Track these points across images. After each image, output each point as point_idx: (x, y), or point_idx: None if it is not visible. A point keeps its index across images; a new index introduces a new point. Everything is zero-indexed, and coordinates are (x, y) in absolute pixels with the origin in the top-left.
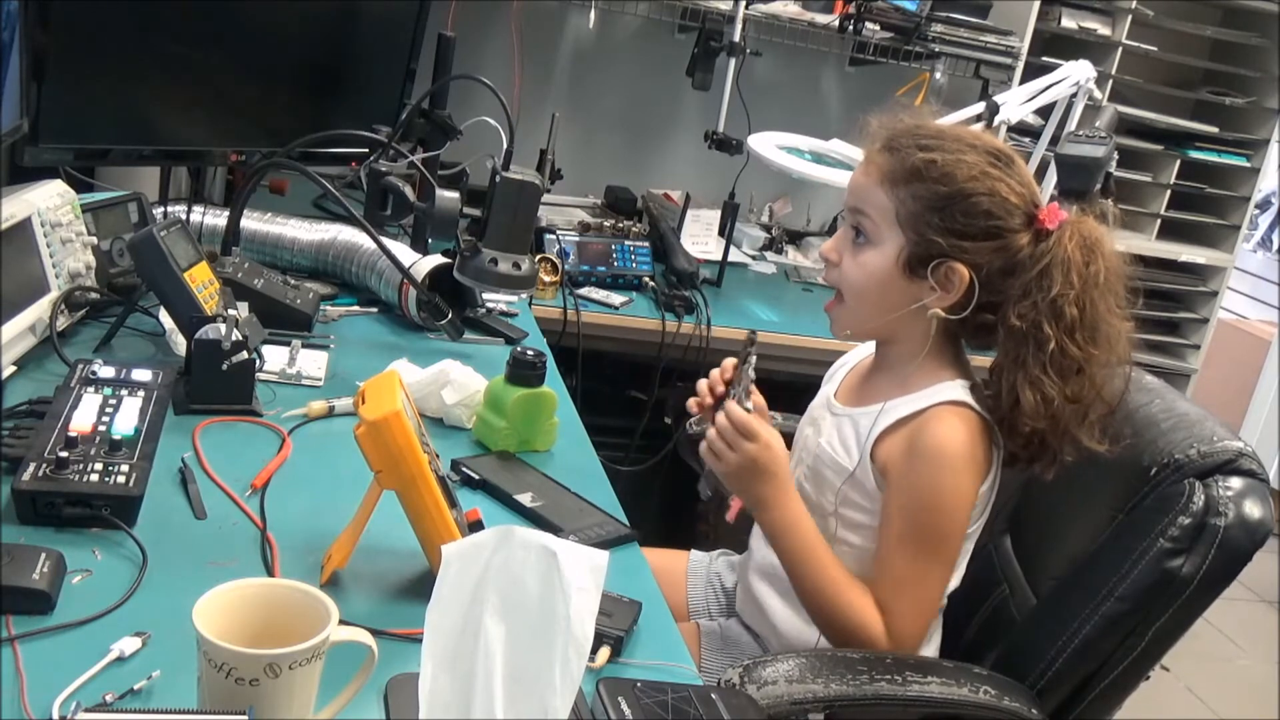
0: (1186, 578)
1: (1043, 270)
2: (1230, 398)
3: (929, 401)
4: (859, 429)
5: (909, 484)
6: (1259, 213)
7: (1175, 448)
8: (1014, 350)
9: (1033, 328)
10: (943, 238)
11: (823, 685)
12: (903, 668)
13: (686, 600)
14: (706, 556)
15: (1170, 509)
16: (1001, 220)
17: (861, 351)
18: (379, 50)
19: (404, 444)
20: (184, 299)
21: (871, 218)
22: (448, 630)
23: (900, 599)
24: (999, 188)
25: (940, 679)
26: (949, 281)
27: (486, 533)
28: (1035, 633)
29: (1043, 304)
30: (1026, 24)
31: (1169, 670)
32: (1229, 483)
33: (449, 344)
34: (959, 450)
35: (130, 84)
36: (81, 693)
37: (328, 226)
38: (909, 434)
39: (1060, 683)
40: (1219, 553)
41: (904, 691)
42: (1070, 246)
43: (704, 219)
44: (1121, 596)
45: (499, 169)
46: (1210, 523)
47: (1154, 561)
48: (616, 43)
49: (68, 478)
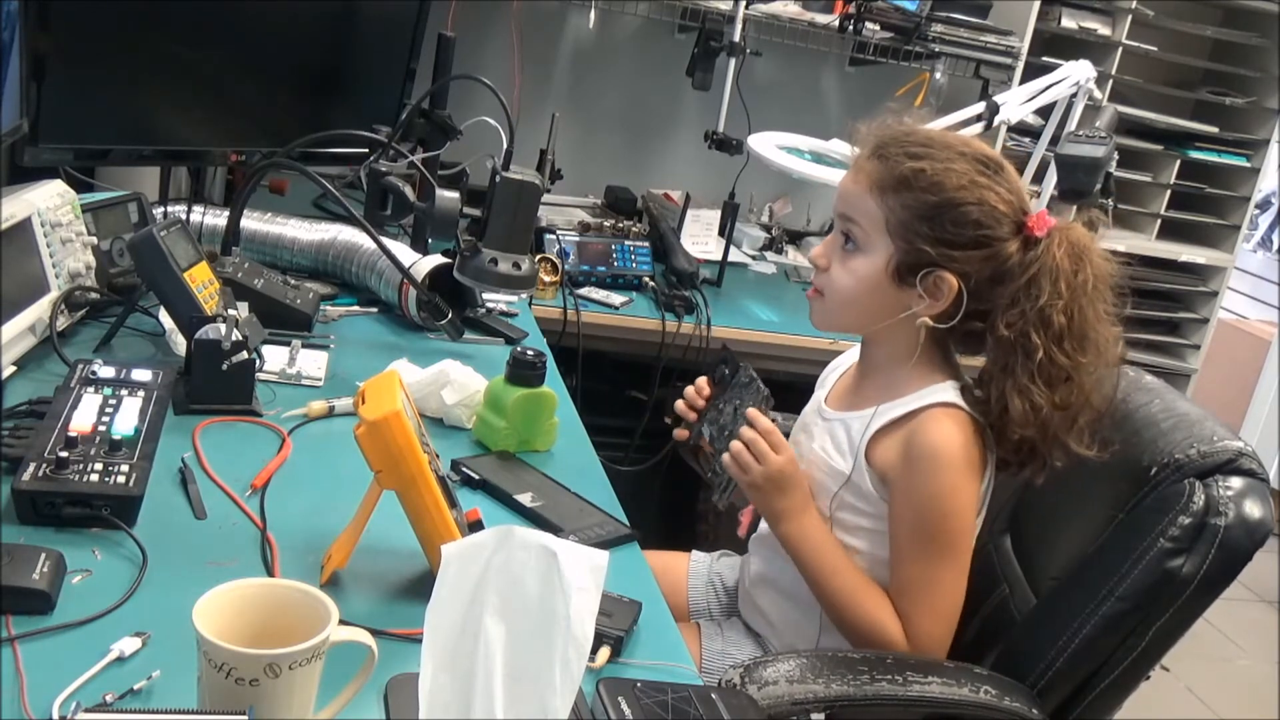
0: (1187, 578)
1: (1031, 279)
2: (1230, 398)
3: (921, 403)
4: (851, 433)
5: (910, 489)
6: (1259, 213)
7: (1175, 448)
8: (1002, 359)
9: (1021, 337)
10: (932, 247)
11: (823, 685)
12: (903, 668)
13: (687, 601)
14: (708, 557)
15: (1170, 509)
16: (990, 229)
17: (855, 355)
18: (379, 50)
19: (404, 444)
20: (184, 299)
21: (861, 225)
22: (448, 630)
23: (917, 605)
24: (988, 196)
25: (941, 679)
26: (937, 290)
27: (486, 533)
28: (1036, 633)
29: (1030, 313)
30: (1026, 24)
31: (1169, 670)
32: (1229, 482)
33: (449, 344)
34: (955, 451)
35: (130, 84)
36: (81, 693)
37: (328, 226)
38: (904, 437)
39: (1061, 683)
40: (1219, 553)
41: (905, 691)
42: (1059, 255)
43: (704, 219)
44: (1122, 596)
45: (499, 169)
46: (1210, 523)
47: (1154, 561)
48: (616, 43)
49: (68, 478)
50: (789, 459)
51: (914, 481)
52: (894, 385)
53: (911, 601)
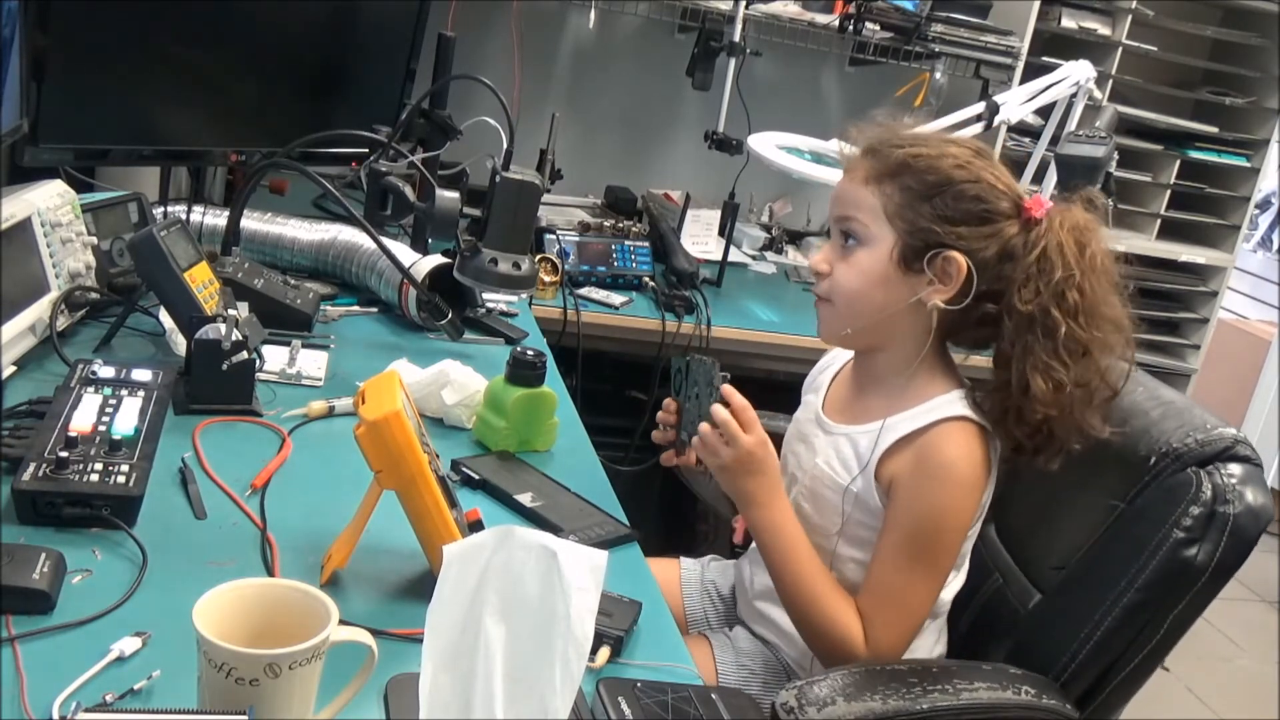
0: (1201, 566)
1: (1041, 254)
2: (1230, 398)
3: (932, 417)
4: (858, 448)
5: (914, 499)
6: (1259, 213)
7: (1170, 436)
8: (1021, 338)
9: (1041, 313)
10: (936, 225)
11: (880, 701)
12: (949, 676)
13: (684, 612)
14: (697, 564)
15: (1181, 499)
16: (991, 204)
17: (844, 355)
18: (379, 50)
19: (404, 444)
20: (184, 299)
21: (859, 219)
22: (448, 630)
23: (885, 609)
24: (984, 175)
25: (985, 684)
26: (946, 273)
27: (486, 533)
28: (1054, 626)
29: (1046, 290)
30: (1026, 24)
31: (1169, 670)
32: (1230, 469)
33: (449, 344)
34: (969, 469)
35: (130, 84)
36: (81, 693)
37: (328, 226)
38: (916, 451)
39: (1083, 674)
40: (1230, 540)
41: (956, 701)
42: (1063, 234)
43: (704, 219)
44: (1140, 587)
45: (499, 169)
46: (1220, 511)
47: (1170, 551)
48: (616, 43)
49: (68, 478)
50: (759, 440)
51: (920, 491)
52: (898, 396)
53: (880, 607)
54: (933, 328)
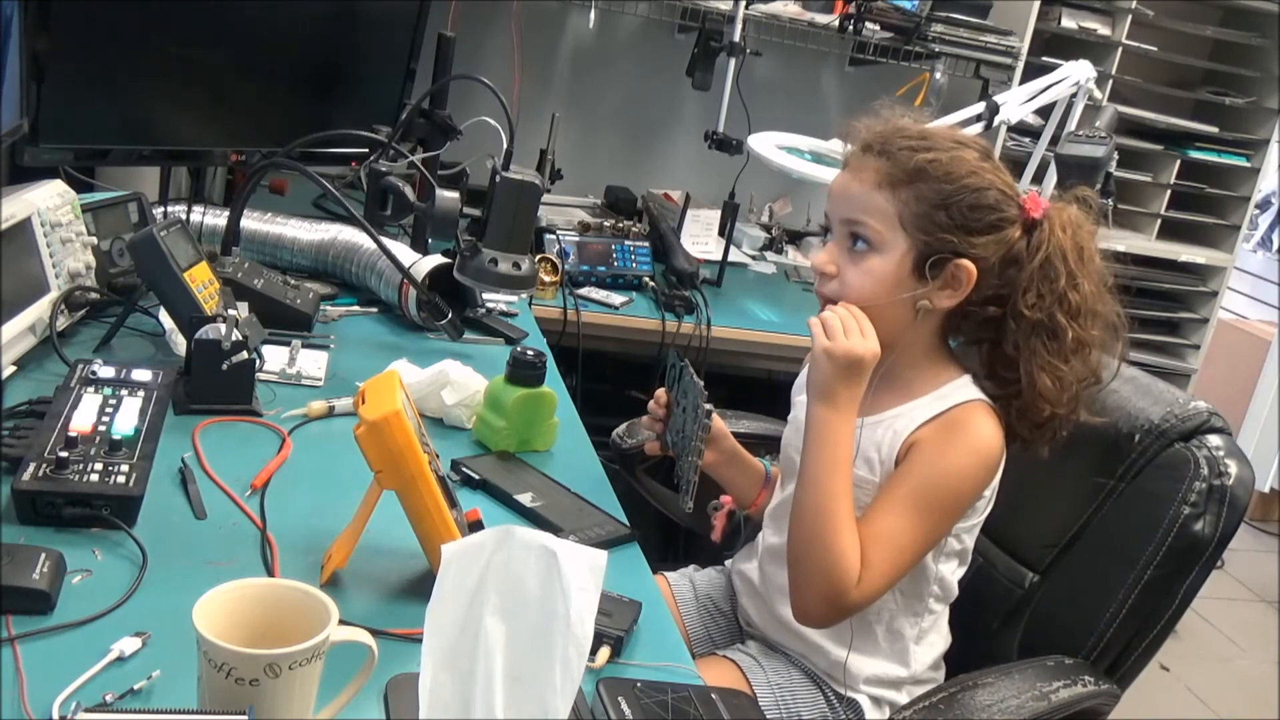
0: (1209, 537)
1: (1045, 260)
2: (1230, 398)
3: (948, 403)
4: (876, 437)
5: (934, 457)
6: (1259, 213)
7: (1149, 413)
8: (1027, 340)
9: (1047, 319)
10: (952, 234)
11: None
12: (1031, 681)
13: (686, 634)
14: (684, 579)
15: (1183, 474)
16: (1003, 212)
17: None
18: (379, 50)
19: (404, 444)
20: (184, 299)
21: (872, 224)
22: (448, 630)
23: (879, 550)
24: (995, 180)
25: (1061, 681)
26: (955, 278)
27: (486, 533)
28: (1074, 604)
29: (1050, 296)
30: (1026, 24)
31: (1169, 670)
32: (1213, 441)
33: (449, 344)
34: (992, 450)
35: (130, 84)
36: (81, 693)
37: (328, 226)
38: (943, 422)
39: (1109, 650)
40: (1228, 510)
41: (1047, 705)
42: (1062, 236)
43: (704, 219)
44: (1159, 563)
45: (499, 169)
46: (1217, 483)
47: (1182, 526)
48: (616, 43)
49: (68, 478)
50: (875, 353)
51: (943, 451)
52: (906, 387)
53: (877, 547)
54: (937, 326)
